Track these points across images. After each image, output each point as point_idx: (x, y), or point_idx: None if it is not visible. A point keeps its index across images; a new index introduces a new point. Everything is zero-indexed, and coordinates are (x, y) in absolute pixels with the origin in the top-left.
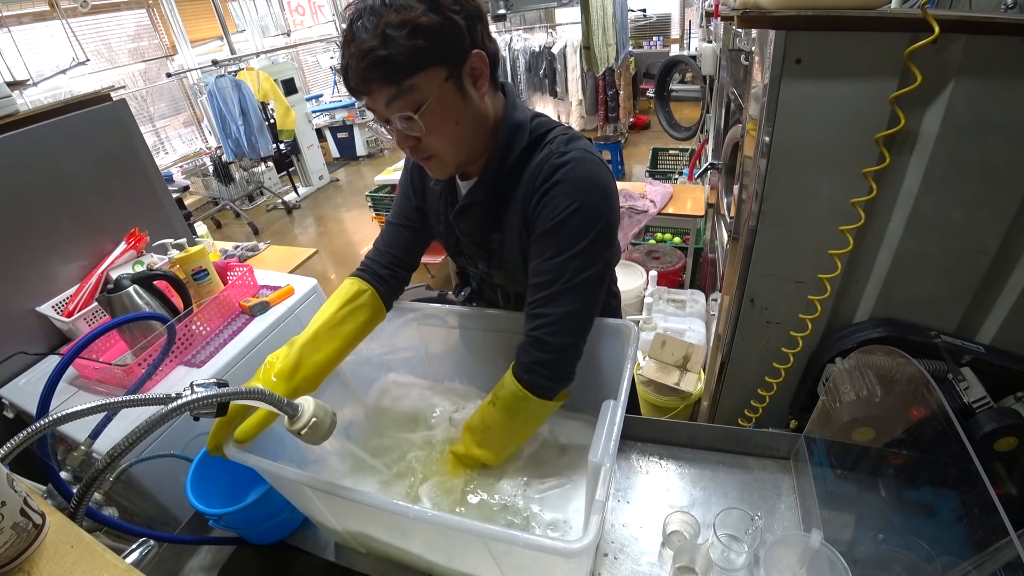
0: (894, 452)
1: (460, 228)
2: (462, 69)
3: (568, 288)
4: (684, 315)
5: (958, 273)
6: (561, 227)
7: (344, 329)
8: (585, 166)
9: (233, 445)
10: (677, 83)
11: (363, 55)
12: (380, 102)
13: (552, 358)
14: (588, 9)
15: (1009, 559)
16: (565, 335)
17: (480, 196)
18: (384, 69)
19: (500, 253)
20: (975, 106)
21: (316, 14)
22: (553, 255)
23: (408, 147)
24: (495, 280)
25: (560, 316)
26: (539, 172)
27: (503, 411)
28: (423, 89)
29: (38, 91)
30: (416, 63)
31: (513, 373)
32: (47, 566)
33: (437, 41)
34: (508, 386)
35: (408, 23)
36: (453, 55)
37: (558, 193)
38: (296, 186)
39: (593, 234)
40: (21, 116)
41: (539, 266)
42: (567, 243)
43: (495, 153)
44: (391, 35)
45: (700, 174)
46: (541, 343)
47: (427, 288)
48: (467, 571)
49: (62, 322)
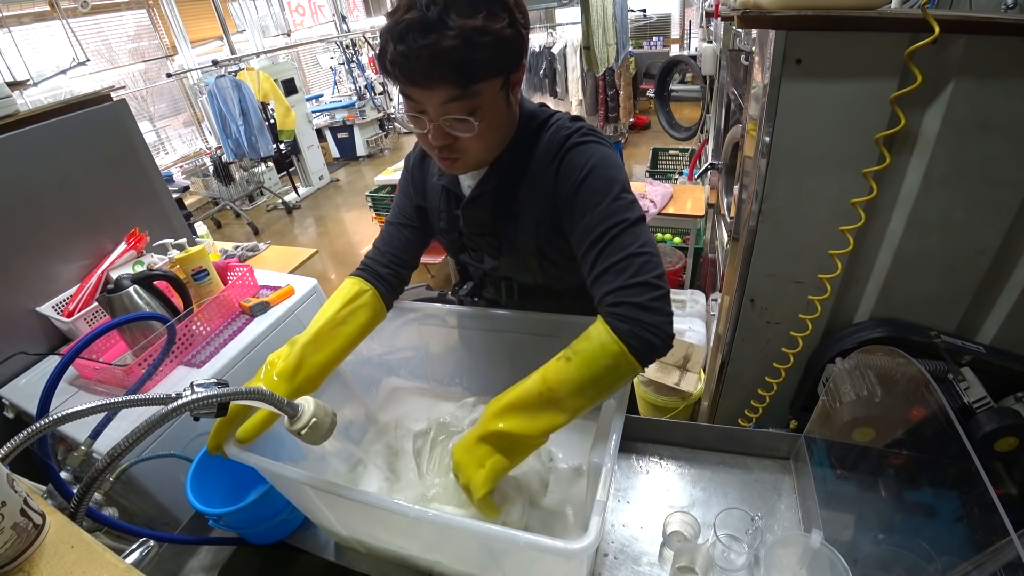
0: (894, 452)
1: (467, 220)
2: (512, 79)
3: (626, 225)
4: (684, 315)
5: (958, 273)
6: (588, 180)
7: (345, 329)
8: (593, 134)
9: (234, 444)
10: (677, 83)
11: (440, 52)
12: (437, 99)
13: (651, 299)
14: (588, 9)
15: (1009, 559)
16: (651, 268)
17: (492, 185)
18: (459, 71)
19: (512, 240)
20: (975, 106)
21: (316, 14)
22: (595, 205)
23: (442, 144)
24: (501, 272)
25: (636, 251)
26: (550, 146)
27: (583, 367)
28: (483, 95)
29: (38, 91)
30: (488, 71)
31: (606, 322)
32: (47, 566)
33: (510, 53)
34: (597, 337)
35: (493, 32)
36: (512, 67)
37: (575, 155)
38: (296, 186)
39: (620, 183)
40: (21, 116)
41: (587, 222)
42: (601, 193)
43: (508, 144)
44: (476, 40)
45: (700, 174)
46: (634, 286)
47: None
48: (467, 571)
49: (62, 322)
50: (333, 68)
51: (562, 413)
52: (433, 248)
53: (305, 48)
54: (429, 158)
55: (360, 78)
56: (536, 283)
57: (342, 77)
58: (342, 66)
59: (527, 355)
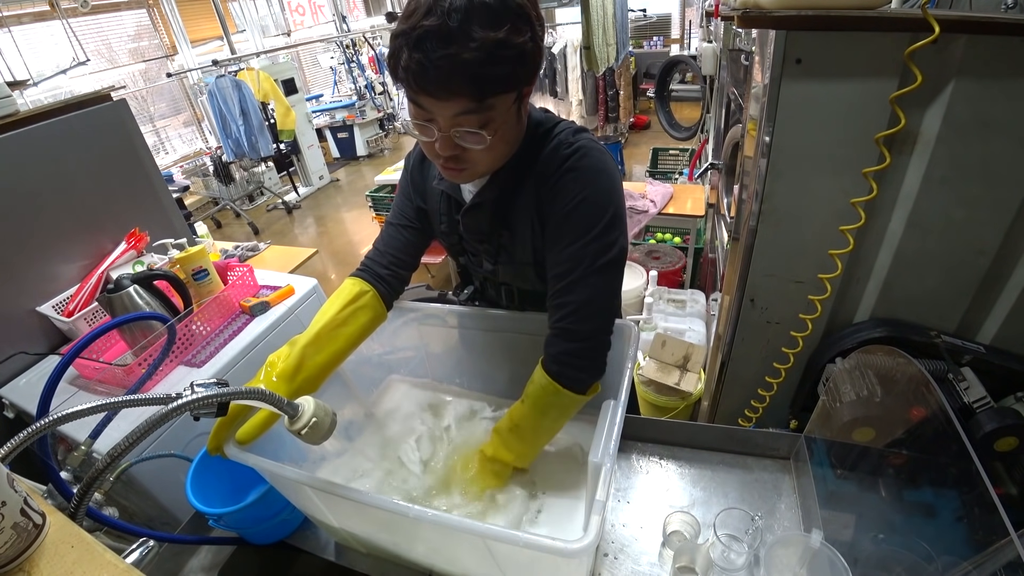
0: (894, 452)
1: (466, 226)
2: (524, 92)
3: (588, 273)
4: (684, 315)
5: (958, 273)
6: (573, 214)
7: (346, 330)
8: (593, 155)
9: (233, 445)
10: (677, 83)
11: (459, 64)
12: (450, 111)
13: (580, 347)
14: (588, 9)
15: (1009, 559)
16: (591, 321)
17: (491, 194)
18: (477, 85)
19: (509, 250)
20: (975, 106)
21: (316, 14)
22: (569, 243)
23: (449, 154)
24: (500, 278)
25: (583, 302)
26: (549, 163)
27: (532, 407)
28: (497, 108)
29: (38, 91)
30: (505, 85)
31: (542, 366)
32: (47, 566)
33: (528, 69)
34: (538, 380)
35: (515, 47)
36: (528, 80)
37: (568, 181)
38: (296, 186)
39: (606, 220)
40: (21, 116)
41: (556, 256)
42: (582, 230)
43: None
44: (497, 54)
45: (700, 174)
46: (568, 332)
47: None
48: (467, 571)
49: (62, 322)
50: (333, 68)
51: (527, 444)
52: (433, 248)
53: (305, 48)
54: (429, 161)
55: (360, 78)
56: (535, 290)
57: (342, 77)
58: (342, 66)
59: (527, 355)
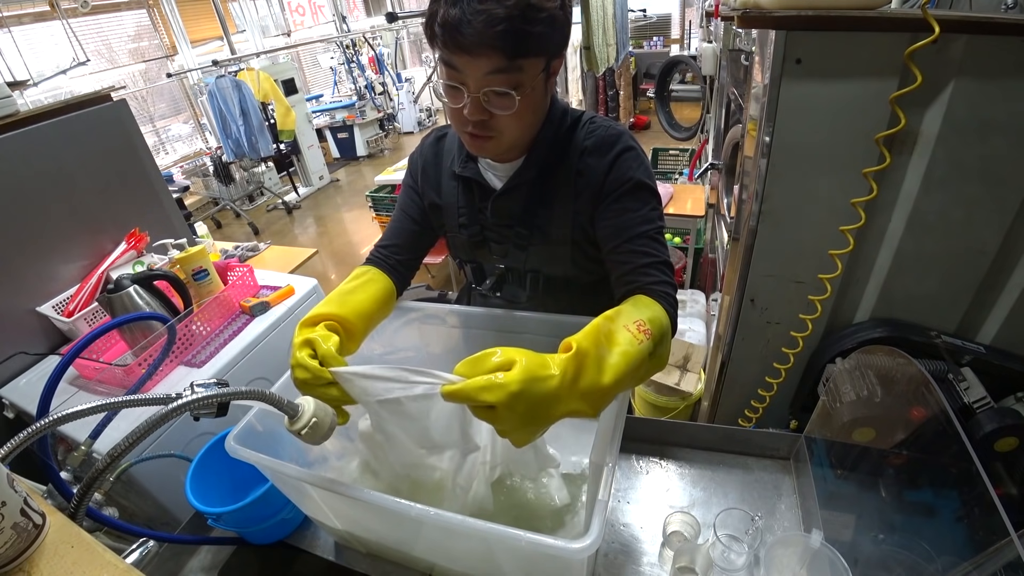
0: (894, 452)
1: (496, 211)
2: (552, 65)
3: (658, 235)
4: (684, 315)
5: (958, 273)
6: (638, 184)
7: (359, 294)
8: (633, 140)
9: (235, 443)
10: (677, 83)
11: (494, 19)
12: (483, 68)
13: (673, 287)
14: (588, 9)
15: (1009, 559)
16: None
17: (529, 175)
18: (511, 40)
19: (545, 229)
20: (975, 106)
21: (316, 14)
22: (638, 209)
23: (477, 119)
24: (527, 265)
25: (666, 257)
26: (601, 142)
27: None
28: (526, 72)
29: (38, 91)
30: (536, 47)
31: (660, 303)
32: (47, 566)
33: (557, 35)
34: (659, 318)
35: (548, 9)
36: (555, 52)
37: (629, 158)
38: (296, 186)
39: (656, 195)
40: (21, 116)
41: (625, 219)
42: (643, 200)
43: (543, 134)
44: (530, 15)
45: (700, 174)
46: (668, 265)
47: (427, 288)
48: (468, 570)
49: (62, 322)
50: (333, 68)
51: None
52: (433, 248)
53: (305, 48)
54: (445, 152)
55: (360, 78)
56: (564, 275)
57: (342, 77)
58: (342, 66)
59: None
